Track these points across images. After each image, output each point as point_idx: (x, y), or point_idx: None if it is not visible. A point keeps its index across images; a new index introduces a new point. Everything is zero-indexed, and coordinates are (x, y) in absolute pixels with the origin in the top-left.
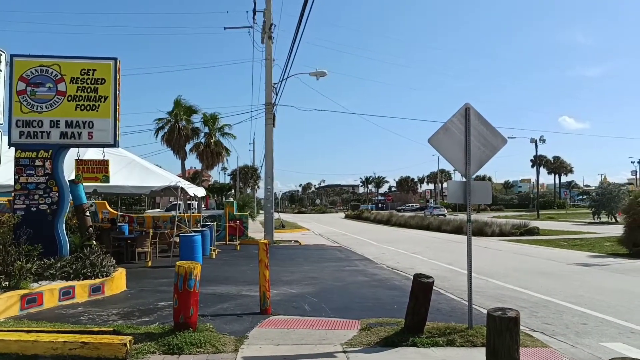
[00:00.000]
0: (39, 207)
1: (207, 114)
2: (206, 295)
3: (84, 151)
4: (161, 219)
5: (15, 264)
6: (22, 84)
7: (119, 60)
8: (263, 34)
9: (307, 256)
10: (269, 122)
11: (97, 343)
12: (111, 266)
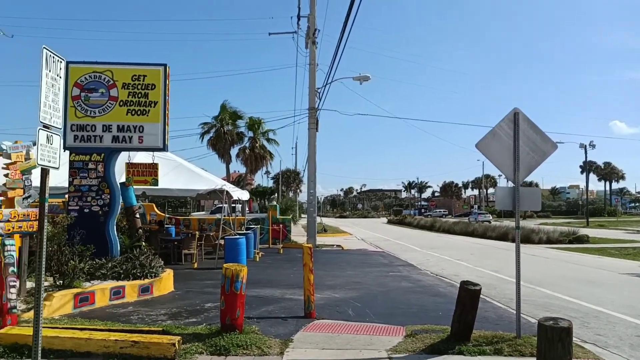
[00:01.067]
0: (92, 208)
1: (253, 118)
2: (251, 297)
3: (134, 154)
4: (206, 221)
5: (69, 264)
6: (77, 89)
7: (168, 66)
8: (307, 39)
9: (350, 261)
10: (311, 126)
11: (147, 342)
12: (159, 267)
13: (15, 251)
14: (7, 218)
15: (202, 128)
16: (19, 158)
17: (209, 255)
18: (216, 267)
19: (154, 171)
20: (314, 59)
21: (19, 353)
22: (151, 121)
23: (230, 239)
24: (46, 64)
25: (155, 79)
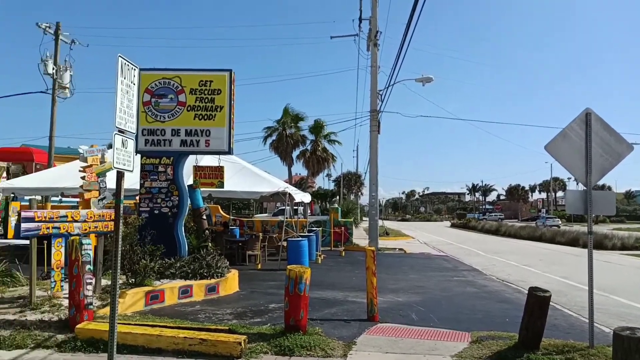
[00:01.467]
0: (161, 210)
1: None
2: (314, 299)
3: (201, 158)
4: (269, 223)
5: (141, 263)
6: (147, 95)
7: (233, 71)
8: (369, 42)
9: (413, 265)
10: (373, 129)
11: (214, 340)
12: (225, 267)
13: (91, 250)
14: (84, 218)
15: (265, 131)
16: (94, 161)
17: (272, 257)
18: (279, 268)
19: (220, 174)
20: (376, 61)
21: (94, 347)
22: (217, 125)
23: (293, 241)
24: (121, 71)
25: (221, 84)
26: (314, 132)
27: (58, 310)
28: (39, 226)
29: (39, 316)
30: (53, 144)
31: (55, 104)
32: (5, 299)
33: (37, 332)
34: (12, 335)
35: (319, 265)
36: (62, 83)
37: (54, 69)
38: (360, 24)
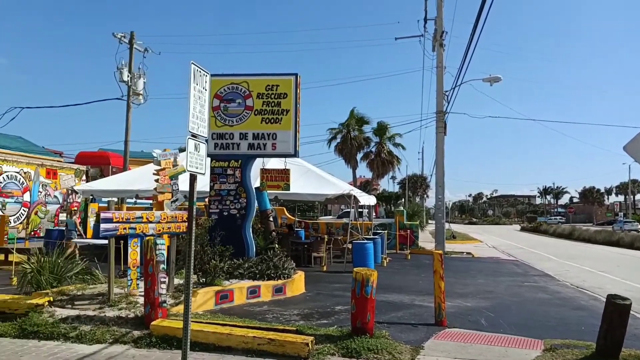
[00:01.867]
0: (230, 211)
1: (380, 123)
2: (380, 302)
3: (267, 160)
4: (334, 225)
5: (211, 263)
6: (217, 100)
7: (299, 75)
8: (434, 42)
9: (481, 269)
10: (439, 130)
11: (282, 340)
12: (291, 269)
13: (164, 250)
14: (158, 219)
15: (329, 134)
16: (167, 165)
17: (337, 259)
18: (344, 270)
19: (286, 176)
20: (441, 61)
21: (168, 344)
22: (283, 129)
23: (358, 244)
24: (194, 77)
25: (287, 88)
26: (378, 134)
27: (134, 307)
28: (117, 227)
29: (116, 313)
30: (128, 148)
31: (130, 109)
32: (86, 295)
33: (115, 328)
34: (92, 330)
35: (385, 268)
36: (136, 90)
37: (128, 77)
38: (425, 24)
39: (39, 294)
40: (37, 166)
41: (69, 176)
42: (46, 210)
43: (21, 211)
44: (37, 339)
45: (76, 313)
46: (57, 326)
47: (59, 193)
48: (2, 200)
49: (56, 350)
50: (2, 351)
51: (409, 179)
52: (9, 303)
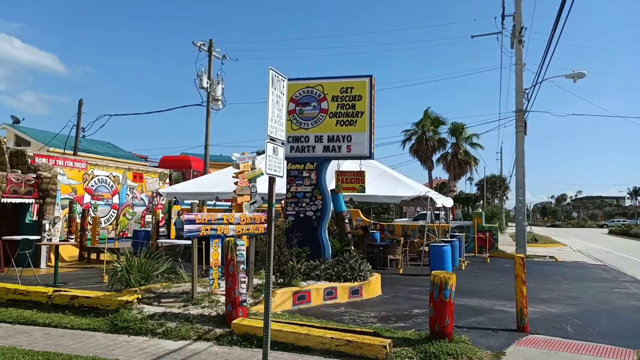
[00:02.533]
0: (306, 213)
1: (456, 124)
2: (459, 306)
3: (342, 162)
4: (410, 228)
5: (288, 264)
6: (292, 104)
7: (373, 77)
8: (512, 39)
9: (565, 274)
10: (519, 129)
11: (359, 342)
12: (368, 271)
13: (244, 251)
14: (238, 221)
15: (404, 135)
16: (246, 168)
17: (414, 262)
18: (421, 273)
19: (361, 178)
20: (521, 58)
21: (249, 342)
22: (358, 131)
23: (435, 246)
24: (272, 83)
25: (362, 90)
26: (454, 134)
27: (216, 305)
28: (199, 228)
29: (199, 311)
30: (208, 152)
31: (210, 115)
32: (171, 293)
33: (198, 325)
34: (177, 327)
35: (463, 271)
36: (215, 95)
37: (208, 83)
38: (503, 21)
39: (128, 291)
40: (125, 170)
41: (154, 179)
42: (133, 212)
43: (111, 213)
44: (127, 334)
45: (162, 310)
46: (145, 322)
47: (145, 195)
48: (94, 203)
49: (145, 346)
50: (96, 345)
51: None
52: (102, 299)
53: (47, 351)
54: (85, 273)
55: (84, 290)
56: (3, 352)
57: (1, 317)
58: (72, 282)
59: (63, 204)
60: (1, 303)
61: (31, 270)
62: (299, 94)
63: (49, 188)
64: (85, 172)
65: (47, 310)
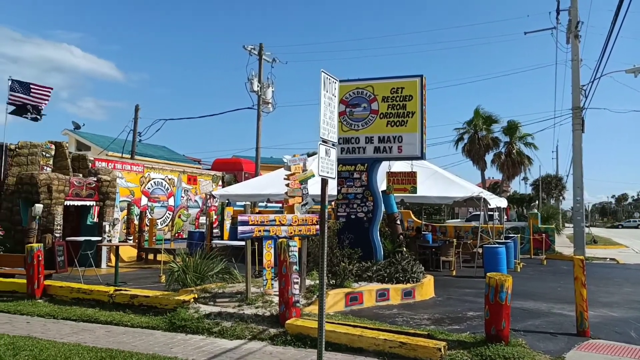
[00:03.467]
0: (357, 214)
1: (510, 122)
2: (515, 309)
3: (393, 163)
4: (463, 229)
5: (340, 265)
6: (342, 105)
7: (424, 76)
8: (568, 34)
9: (628, 276)
10: (576, 127)
11: (413, 344)
12: (420, 272)
13: (296, 252)
14: (290, 222)
15: (456, 134)
16: (297, 170)
17: (467, 264)
18: (475, 275)
19: (413, 179)
20: (577, 54)
21: (302, 342)
22: (409, 131)
23: (489, 248)
24: (324, 85)
25: (412, 90)
26: (508, 133)
27: (270, 306)
28: (253, 229)
29: (253, 310)
30: (259, 155)
31: (260, 118)
32: (226, 293)
33: (252, 325)
34: (232, 327)
35: (518, 273)
36: (266, 99)
37: (258, 86)
38: (557, 15)
39: (185, 291)
40: (179, 173)
41: (207, 182)
42: (188, 213)
43: (166, 214)
44: (185, 333)
45: (218, 310)
46: (201, 321)
47: (198, 198)
48: (150, 205)
49: (201, 344)
50: (155, 343)
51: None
52: (160, 299)
53: (109, 348)
54: (143, 273)
55: (143, 290)
56: (69, 348)
57: (66, 314)
58: (131, 281)
59: (122, 206)
60: (66, 301)
61: (93, 270)
62: (349, 95)
63: (109, 191)
64: (142, 175)
65: (108, 308)
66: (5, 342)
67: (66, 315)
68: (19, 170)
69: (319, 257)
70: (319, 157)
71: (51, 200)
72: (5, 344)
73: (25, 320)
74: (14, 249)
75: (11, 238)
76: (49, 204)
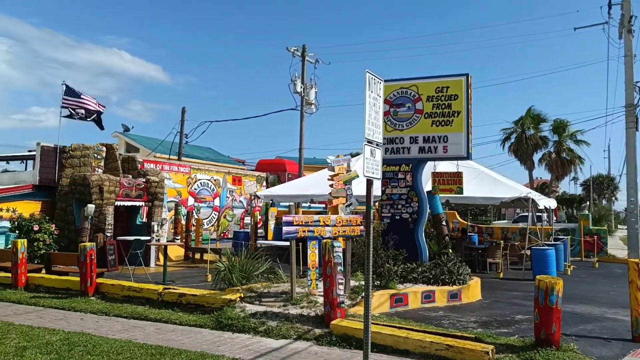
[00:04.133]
0: (402, 215)
1: (558, 120)
2: (565, 313)
3: (438, 163)
4: (510, 230)
5: (385, 266)
6: (386, 105)
7: (470, 75)
8: (621, 28)
9: None
10: (630, 125)
11: (460, 347)
12: (467, 274)
13: (341, 252)
14: (334, 223)
15: (503, 134)
16: (341, 170)
17: (514, 266)
18: (523, 278)
19: (459, 180)
20: (631, 49)
21: (348, 343)
22: (455, 131)
23: (538, 250)
24: (368, 85)
25: (458, 89)
26: (557, 132)
27: (314, 306)
28: (297, 229)
29: (298, 311)
30: (302, 155)
31: (304, 119)
32: (271, 293)
33: (298, 325)
34: (278, 326)
35: (569, 276)
36: (309, 99)
37: (301, 88)
38: (609, 10)
39: (231, 290)
40: (224, 174)
41: (252, 182)
42: (233, 214)
43: (212, 215)
44: (231, 332)
45: (263, 309)
46: (247, 320)
47: (243, 198)
48: (197, 205)
49: (248, 343)
50: (203, 341)
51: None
52: (207, 298)
53: (159, 345)
54: (190, 272)
55: (190, 289)
56: (121, 344)
57: (117, 311)
58: (178, 280)
59: (169, 207)
60: (117, 299)
61: (142, 269)
62: (393, 95)
63: (157, 192)
64: (188, 176)
65: (157, 306)
66: (61, 337)
67: (117, 313)
68: (72, 171)
69: (363, 258)
70: (364, 158)
71: (102, 201)
72: (60, 339)
73: (79, 316)
74: (68, 247)
75: (65, 237)
76: (101, 204)
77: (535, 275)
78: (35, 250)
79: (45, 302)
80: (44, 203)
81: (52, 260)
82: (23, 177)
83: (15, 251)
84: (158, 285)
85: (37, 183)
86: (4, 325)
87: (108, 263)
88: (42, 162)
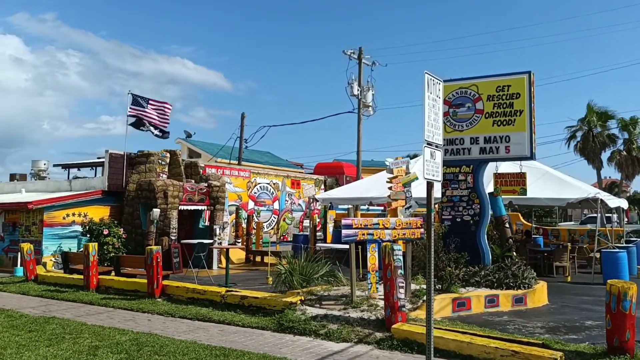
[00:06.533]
0: (463, 217)
1: (625, 119)
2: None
3: (500, 164)
4: (577, 232)
5: (446, 270)
6: (445, 106)
7: (532, 73)
8: None
9: None
10: None
11: (527, 354)
12: (532, 278)
13: (401, 255)
14: (393, 226)
15: (567, 132)
16: (400, 172)
17: (582, 269)
18: (592, 282)
19: (522, 180)
20: None
21: (409, 348)
22: (517, 130)
23: (608, 253)
24: (427, 87)
25: (520, 87)
26: (626, 129)
27: (375, 310)
28: (356, 232)
29: (359, 314)
30: (360, 158)
31: (361, 121)
32: (331, 296)
33: (358, 329)
34: (338, 329)
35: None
36: (366, 102)
37: (358, 90)
38: None
39: (292, 293)
40: (283, 177)
41: (310, 186)
42: (292, 217)
43: (272, 218)
44: (292, 334)
45: (323, 312)
46: (308, 323)
47: (302, 201)
48: (257, 209)
49: (309, 346)
50: (265, 343)
51: None
52: (268, 300)
53: (223, 347)
54: (251, 274)
55: (252, 291)
56: (186, 345)
57: (183, 313)
58: (240, 282)
59: (230, 210)
60: (182, 301)
61: (205, 271)
62: (452, 95)
63: (219, 196)
64: (248, 180)
65: (220, 308)
66: (130, 337)
67: (182, 314)
68: (138, 177)
69: (423, 261)
70: (424, 160)
71: (167, 205)
72: (130, 339)
73: (146, 317)
74: (135, 250)
75: (132, 240)
76: (165, 208)
77: (605, 279)
78: (105, 253)
79: (115, 303)
80: (113, 208)
81: (120, 263)
82: (93, 183)
83: (87, 254)
84: (221, 287)
85: (106, 189)
86: (78, 325)
87: (173, 266)
88: (110, 169)
